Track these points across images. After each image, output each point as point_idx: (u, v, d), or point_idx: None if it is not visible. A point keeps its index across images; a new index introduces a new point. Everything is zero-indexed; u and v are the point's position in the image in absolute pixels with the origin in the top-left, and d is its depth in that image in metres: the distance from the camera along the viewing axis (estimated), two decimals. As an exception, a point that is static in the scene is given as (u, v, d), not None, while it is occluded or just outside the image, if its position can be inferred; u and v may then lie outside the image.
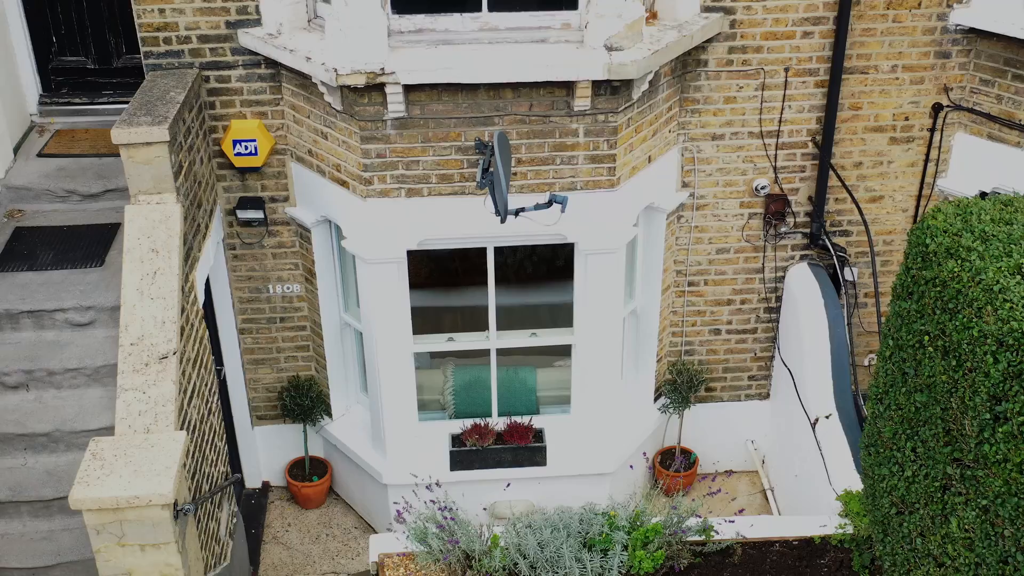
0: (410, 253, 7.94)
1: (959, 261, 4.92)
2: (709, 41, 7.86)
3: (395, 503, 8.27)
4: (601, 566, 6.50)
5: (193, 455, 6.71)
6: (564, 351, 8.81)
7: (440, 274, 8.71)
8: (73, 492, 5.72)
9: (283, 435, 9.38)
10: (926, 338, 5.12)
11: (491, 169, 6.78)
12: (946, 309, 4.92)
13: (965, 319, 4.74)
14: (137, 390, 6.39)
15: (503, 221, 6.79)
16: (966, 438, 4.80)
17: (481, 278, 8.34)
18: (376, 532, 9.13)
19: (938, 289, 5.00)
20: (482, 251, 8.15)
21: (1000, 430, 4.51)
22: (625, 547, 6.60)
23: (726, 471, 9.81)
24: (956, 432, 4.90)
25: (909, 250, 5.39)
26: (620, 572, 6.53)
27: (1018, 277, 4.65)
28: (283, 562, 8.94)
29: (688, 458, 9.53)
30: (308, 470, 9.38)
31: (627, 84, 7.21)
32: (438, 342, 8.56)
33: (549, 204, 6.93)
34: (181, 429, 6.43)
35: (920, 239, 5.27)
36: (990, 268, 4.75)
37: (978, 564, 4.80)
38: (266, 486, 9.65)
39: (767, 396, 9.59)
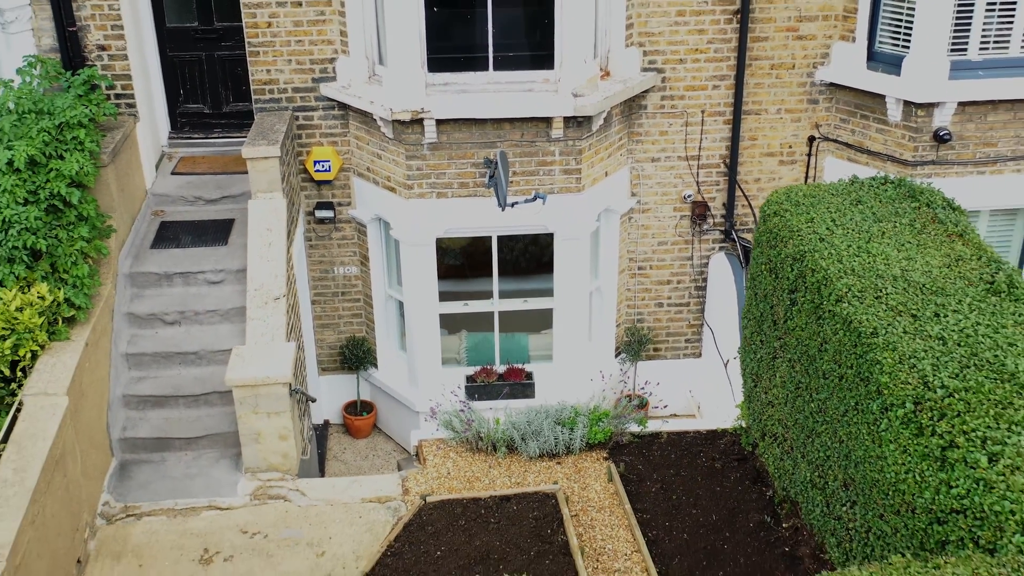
0: (438, 241, 10.87)
1: (779, 217, 7.89)
2: (647, 91, 10.89)
3: (429, 399, 11.07)
4: (569, 437, 9.38)
5: (293, 369, 9.58)
6: (549, 323, 11.66)
7: (458, 269, 11.60)
8: (227, 375, 8.63)
9: (340, 383, 12.23)
10: (764, 267, 8.08)
11: (495, 176, 9.76)
12: (772, 245, 7.88)
13: (779, 249, 7.69)
14: (260, 319, 9.30)
15: (503, 210, 9.77)
16: (780, 320, 7.73)
17: (487, 271, 11.24)
18: (410, 455, 11.95)
19: (769, 235, 7.97)
20: (488, 250, 11.04)
21: (793, 310, 7.43)
22: (586, 427, 9.48)
23: (671, 414, 12.63)
24: (777, 319, 7.83)
25: (759, 218, 8.36)
26: (582, 440, 9.41)
27: (808, 224, 7.61)
28: (341, 472, 11.74)
29: (641, 402, 12.36)
30: (359, 408, 12.23)
31: (588, 119, 10.22)
32: (456, 307, 11.45)
33: (534, 199, 9.91)
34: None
35: (764, 209, 8.25)
36: (794, 220, 7.72)
37: (785, 396, 7.69)
38: (326, 423, 12.48)
39: (700, 355, 12.46)
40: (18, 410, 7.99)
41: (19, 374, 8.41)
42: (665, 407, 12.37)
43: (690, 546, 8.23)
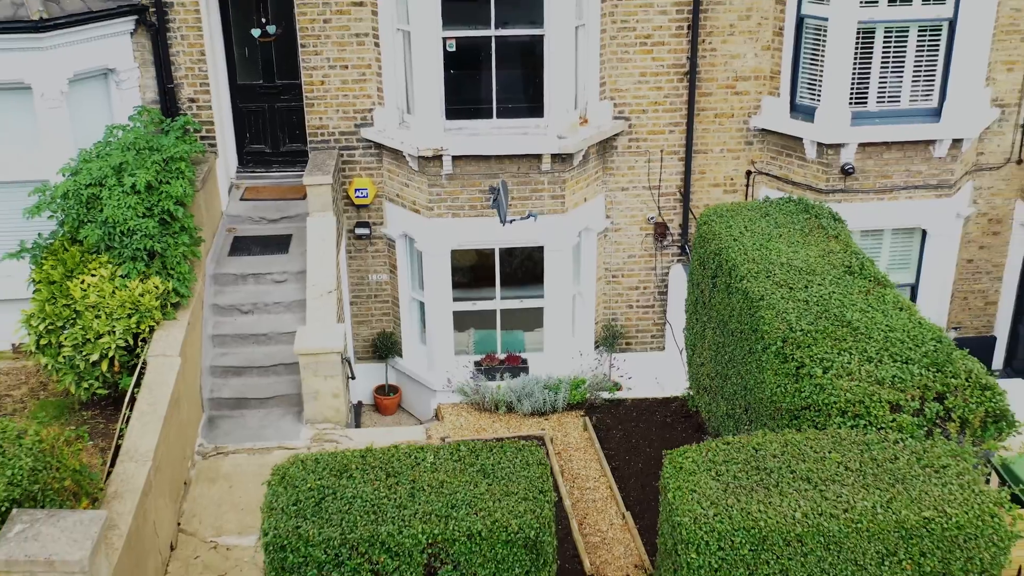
0: (452, 254, 13.41)
1: (708, 226, 10.47)
2: (617, 135, 13.51)
3: (446, 371, 13.54)
4: (554, 398, 11.88)
5: (343, 343, 12.07)
6: (542, 323, 14.13)
7: (467, 281, 14.11)
8: (295, 346, 11.15)
9: (371, 370, 14.69)
10: (697, 262, 10.64)
11: (497, 199, 12.35)
12: (701, 245, 10.45)
13: (706, 248, 10.26)
14: (316, 307, 11.82)
15: (503, 225, 12.35)
16: (707, 300, 10.27)
17: (492, 283, 13.76)
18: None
19: (700, 239, 10.54)
20: (492, 266, 13.56)
21: (714, 291, 9.98)
22: (567, 391, 11.97)
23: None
24: (705, 300, 10.38)
25: (696, 226, 10.93)
26: (564, 401, 11.91)
27: (727, 229, 10.18)
28: (373, 440, 14.17)
29: (616, 386, 14.81)
30: (387, 390, 14.71)
31: (570, 156, 12.83)
32: (466, 305, 13.96)
33: (528, 217, 12.50)
34: (339, 327, 11.86)
35: (699, 220, 10.83)
36: (717, 227, 10.30)
37: (711, 356, 10.21)
38: (360, 404, 14.94)
39: (663, 348, 14.95)
40: (143, 367, 10.51)
41: (139, 344, 10.93)
42: (630, 379, 14.72)
43: (643, 472, 10.70)
